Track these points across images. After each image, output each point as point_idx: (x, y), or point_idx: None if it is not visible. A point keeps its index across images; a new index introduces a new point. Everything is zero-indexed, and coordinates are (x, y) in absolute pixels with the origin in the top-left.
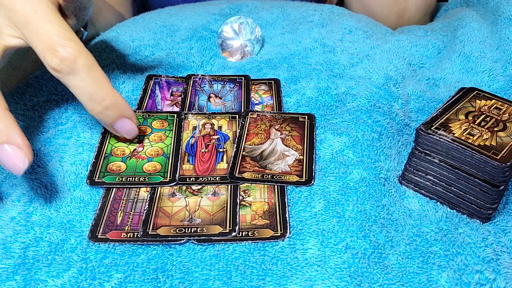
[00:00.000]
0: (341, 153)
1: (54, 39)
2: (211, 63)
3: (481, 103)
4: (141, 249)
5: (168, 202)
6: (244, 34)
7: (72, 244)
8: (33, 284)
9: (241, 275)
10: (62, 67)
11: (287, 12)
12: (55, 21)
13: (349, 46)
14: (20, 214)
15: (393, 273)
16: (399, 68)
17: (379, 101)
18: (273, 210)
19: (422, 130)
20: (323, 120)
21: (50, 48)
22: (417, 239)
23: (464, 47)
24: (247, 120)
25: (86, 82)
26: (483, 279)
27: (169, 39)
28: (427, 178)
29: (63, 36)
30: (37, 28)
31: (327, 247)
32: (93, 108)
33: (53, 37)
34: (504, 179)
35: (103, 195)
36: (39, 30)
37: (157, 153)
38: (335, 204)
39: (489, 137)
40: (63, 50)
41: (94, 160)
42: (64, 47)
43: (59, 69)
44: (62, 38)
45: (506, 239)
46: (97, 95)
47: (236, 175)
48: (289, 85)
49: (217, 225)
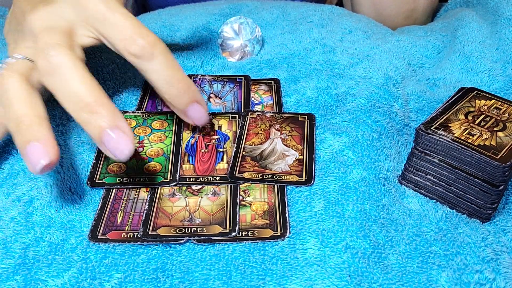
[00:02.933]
0: (341, 153)
1: (132, 31)
2: (211, 63)
3: (480, 103)
4: (141, 249)
5: (168, 202)
6: (244, 34)
7: (72, 244)
8: (33, 284)
9: (241, 275)
10: (143, 53)
11: (287, 12)
12: (126, 15)
13: (349, 46)
14: (21, 214)
15: (393, 273)
16: (399, 68)
17: (379, 101)
18: (273, 210)
19: (422, 130)
20: (323, 120)
21: (131, 38)
22: (417, 239)
23: (464, 47)
24: (247, 120)
25: (164, 66)
26: (483, 279)
27: (169, 39)
28: (427, 178)
29: (139, 27)
30: (115, 24)
31: (327, 247)
32: (169, 92)
33: (131, 29)
34: (504, 179)
35: (103, 195)
36: (117, 25)
37: (157, 153)
38: (335, 204)
39: (488, 137)
40: (142, 39)
41: (94, 161)
42: (142, 37)
43: (140, 55)
44: (139, 29)
45: (505, 239)
46: (174, 79)
47: (236, 175)
48: (289, 85)
49: (217, 225)
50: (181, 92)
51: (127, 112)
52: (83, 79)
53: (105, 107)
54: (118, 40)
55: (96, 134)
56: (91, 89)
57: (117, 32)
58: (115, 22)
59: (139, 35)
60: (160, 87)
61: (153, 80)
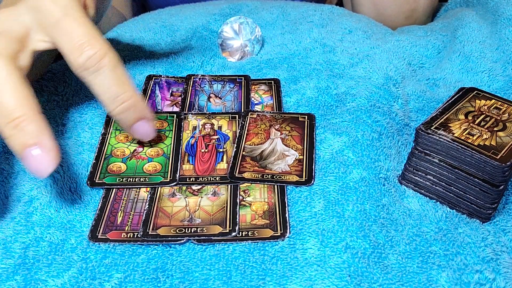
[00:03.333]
0: (341, 153)
1: (82, 39)
2: (211, 63)
3: (480, 103)
4: (141, 249)
5: (168, 202)
6: (244, 34)
7: (72, 244)
8: (33, 284)
9: (241, 275)
10: (88, 65)
11: (287, 12)
12: (83, 21)
13: (349, 46)
14: (21, 214)
15: (393, 273)
16: (399, 68)
17: (379, 101)
18: (273, 210)
19: (422, 130)
20: (323, 120)
21: (78, 47)
22: (417, 239)
23: (464, 47)
24: (247, 120)
25: (110, 81)
26: (483, 278)
27: (169, 39)
28: (427, 178)
29: (91, 35)
30: (66, 30)
31: (327, 247)
32: (114, 108)
33: (81, 37)
34: (504, 179)
35: (103, 195)
36: (68, 32)
37: (157, 153)
38: (335, 204)
39: (488, 137)
40: (90, 49)
41: (94, 161)
42: (91, 46)
43: (85, 67)
44: (90, 38)
45: (505, 239)
46: (120, 95)
47: (236, 175)
48: (289, 85)
49: (217, 225)
50: (127, 110)
51: None
52: (15, 92)
53: (32, 123)
54: (65, 48)
55: (18, 150)
56: (21, 103)
57: (66, 39)
58: (66, 28)
59: (88, 44)
60: (105, 102)
61: (98, 94)
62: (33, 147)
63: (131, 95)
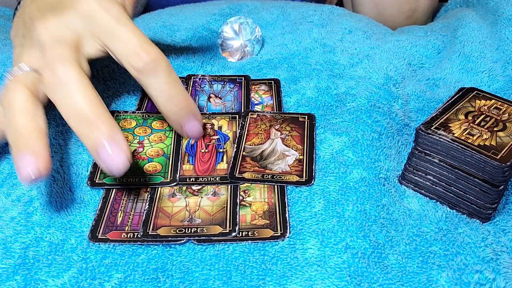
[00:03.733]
0: (341, 153)
1: (137, 46)
2: (211, 63)
3: (480, 103)
4: (141, 249)
5: (168, 203)
6: (244, 34)
7: (72, 244)
8: (33, 284)
9: (241, 275)
10: (146, 68)
11: (287, 12)
12: (133, 29)
13: (349, 46)
14: (21, 214)
15: (393, 273)
16: (399, 68)
17: (379, 101)
18: (273, 210)
19: (422, 130)
20: (323, 120)
21: (135, 53)
22: (417, 239)
23: (464, 47)
24: (247, 120)
25: (165, 83)
26: (483, 279)
27: (169, 39)
28: (427, 178)
29: (145, 42)
30: (121, 38)
31: (327, 247)
32: (170, 109)
33: (136, 43)
34: (504, 179)
35: (103, 196)
36: (123, 40)
37: (157, 153)
38: (335, 204)
39: (488, 137)
40: (146, 54)
41: (94, 161)
42: (147, 53)
43: (143, 70)
44: (144, 44)
45: (505, 239)
46: (174, 96)
47: (236, 175)
48: (289, 85)
49: (217, 225)
50: (180, 109)
51: (127, 112)
52: (86, 94)
53: (105, 122)
54: (122, 54)
55: (93, 147)
56: (93, 105)
57: (122, 46)
58: (121, 36)
59: (144, 50)
60: (160, 102)
61: (153, 95)
62: (109, 143)
63: (185, 96)
